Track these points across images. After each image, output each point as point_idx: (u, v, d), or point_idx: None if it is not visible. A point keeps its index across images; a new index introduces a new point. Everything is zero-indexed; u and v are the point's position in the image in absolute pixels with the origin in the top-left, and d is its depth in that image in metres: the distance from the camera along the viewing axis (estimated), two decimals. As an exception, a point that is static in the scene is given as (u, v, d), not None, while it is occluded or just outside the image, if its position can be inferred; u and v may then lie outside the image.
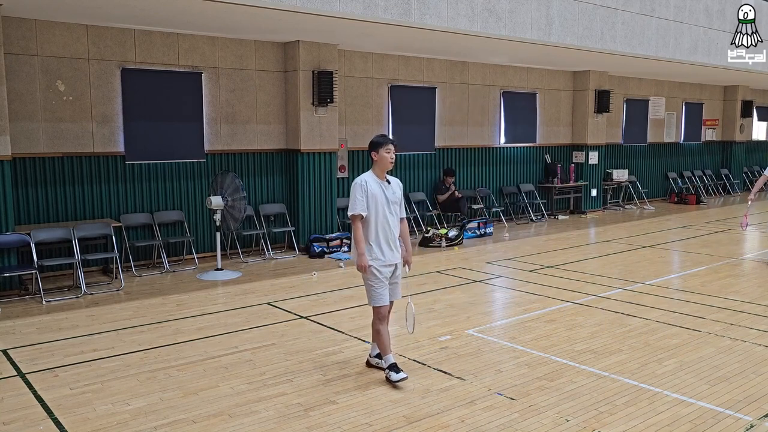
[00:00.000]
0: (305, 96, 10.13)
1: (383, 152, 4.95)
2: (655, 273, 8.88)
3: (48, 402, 4.63)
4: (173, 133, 9.46)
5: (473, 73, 13.16)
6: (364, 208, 4.92)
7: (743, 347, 5.77)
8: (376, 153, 4.97)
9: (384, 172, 5.03)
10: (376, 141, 5.02)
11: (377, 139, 5.03)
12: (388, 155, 4.96)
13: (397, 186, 5.11)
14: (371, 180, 4.98)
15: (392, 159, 4.98)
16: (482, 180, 13.65)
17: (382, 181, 5.01)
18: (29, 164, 8.36)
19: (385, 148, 4.95)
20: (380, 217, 4.95)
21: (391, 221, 5.00)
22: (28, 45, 8.21)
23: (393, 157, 4.99)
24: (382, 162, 4.98)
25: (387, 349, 4.96)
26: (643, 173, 17.61)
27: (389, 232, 4.98)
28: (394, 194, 5.04)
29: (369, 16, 8.22)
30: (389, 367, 4.93)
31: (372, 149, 5.00)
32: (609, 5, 11.33)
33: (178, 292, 7.89)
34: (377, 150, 4.96)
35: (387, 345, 4.96)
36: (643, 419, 4.31)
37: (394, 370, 4.90)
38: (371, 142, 5.05)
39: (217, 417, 4.39)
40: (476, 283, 8.42)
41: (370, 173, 5.04)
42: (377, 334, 4.99)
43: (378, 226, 4.96)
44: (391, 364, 4.93)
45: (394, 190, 5.06)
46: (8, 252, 7.65)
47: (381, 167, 5.00)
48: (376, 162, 5.01)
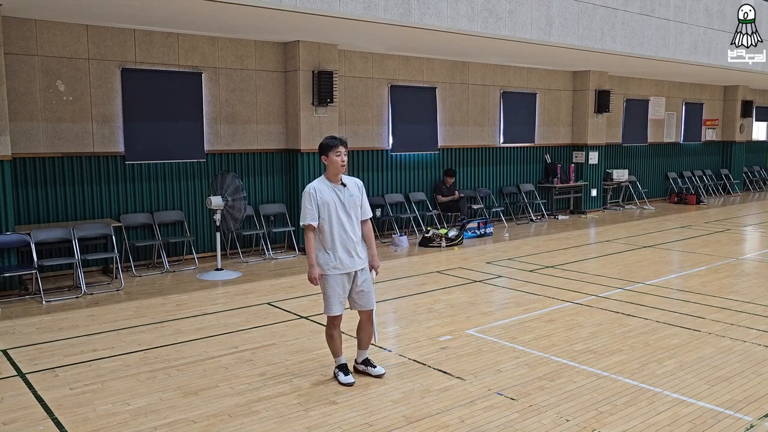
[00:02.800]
0: (305, 96, 10.13)
1: (333, 155, 4.74)
2: (655, 273, 8.88)
3: (48, 402, 4.64)
4: (173, 133, 9.46)
5: (473, 73, 13.16)
6: (315, 218, 4.73)
7: (743, 347, 5.77)
8: (326, 157, 4.76)
9: (337, 176, 4.82)
10: (325, 144, 4.79)
11: (327, 141, 4.80)
12: (338, 158, 4.74)
13: (354, 187, 4.90)
14: (322, 186, 4.79)
15: (343, 162, 4.75)
16: (482, 180, 13.65)
17: (335, 185, 4.81)
18: (29, 164, 8.36)
19: (335, 151, 4.74)
20: (335, 223, 4.76)
21: (348, 226, 4.80)
22: (28, 45, 8.21)
23: (344, 159, 4.76)
24: (333, 166, 4.77)
25: (339, 351, 5.03)
26: (643, 173, 17.61)
27: (347, 239, 4.79)
28: (351, 197, 4.83)
29: (369, 16, 8.22)
30: (339, 367, 5.02)
31: (321, 153, 4.79)
32: (609, 5, 11.33)
33: (178, 292, 7.89)
34: (327, 153, 4.75)
35: (339, 348, 5.02)
36: (643, 419, 4.32)
37: (343, 371, 5.00)
38: (320, 144, 4.83)
39: (217, 417, 4.39)
40: (476, 283, 8.42)
41: (322, 179, 4.85)
42: (330, 338, 5.01)
43: (334, 233, 4.76)
44: (343, 365, 5.03)
45: (351, 193, 4.85)
46: (8, 252, 7.65)
47: (333, 171, 4.80)
48: (327, 166, 4.80)
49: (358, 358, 5.20)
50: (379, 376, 5.05)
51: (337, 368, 5.03)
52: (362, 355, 5.17)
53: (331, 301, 4.89)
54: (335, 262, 4.81)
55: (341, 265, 4.82)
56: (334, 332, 5.00)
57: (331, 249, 4.80)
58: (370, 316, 5.06)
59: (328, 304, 4.92)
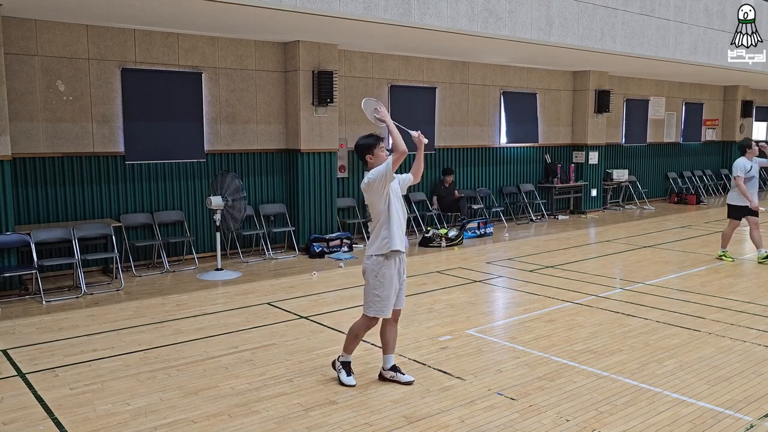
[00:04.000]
0: (305, 96, 10.13)
1: (378, 151, 4.77)
2: (655, 273, 8.88)
3: (48, 402, 4.64)
4: (173, 133, 9.46)
5: (473, 73, 13.16)
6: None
7: (743, 347, 5.77)
8: (371, 155, 4.77)
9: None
10: (368, 143, 4.80)
11: (369, 140, 4.81)
12: (383, 153, 4.78)
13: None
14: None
15: (387, 154, 4.77)
16: (482, 180, 13.65)
17: None
18: (29, 164, 8.36)
19: (379, 147, 4.78)
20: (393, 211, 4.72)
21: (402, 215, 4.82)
22: (28, 45, 8.21)
23: (387, 152, 4.78)
24: (380, 161, 4.77)
25: (353, 350, 5.00)
26: (643, 173, 17.61)
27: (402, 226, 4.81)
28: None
29: (369, 16, 8.22)
30: (345, 364, 4.96)
31: (367, 152, 4.78)
32: (609, 5, 11.33)
33: (178, 292, 7.89)
34: (372, 151, 4.77)
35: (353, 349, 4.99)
36: (643, 419, 4.32)
37: (347, 370, 4.96)
38: (362, 145, 4.81)
39: (217, 417, 4.39)
40: (476, 283, 8.42)
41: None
42: (355, 338, 4.93)
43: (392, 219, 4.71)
44: (348, 363, 4.98)
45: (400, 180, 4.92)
46: (8, 252, 7.65)
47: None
48: (373, 164, 4.78)
49: (385, 364, 4.99)
50: (409, 383, 4.90)
51: (342, 364, 4.96)
52: (390, 361, 4.98)
53: (388, 302, 4.73)
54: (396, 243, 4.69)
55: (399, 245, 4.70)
56: (362, 335, 4.93)
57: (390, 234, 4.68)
58: (398, 315, 4.98)
59: (381, 305, 4.73)
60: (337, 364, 5.02)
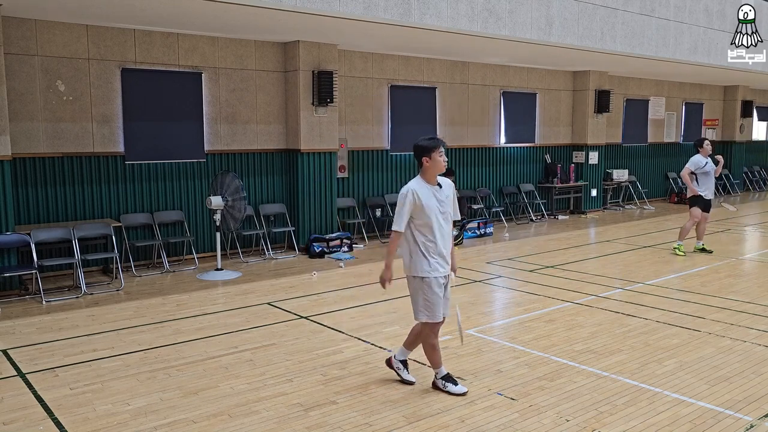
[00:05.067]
0: (305, 96, 10.13)
1: (436, 156, 4.55)
2: (655, 273, 8.88)
3: (48, 402, 4.64)
4: (173, 133, 9.46)
5: (473, 73, 13.16)
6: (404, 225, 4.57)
7: (743, 347, 5.77)
8: (428, 158, 4.56)
9: (435, 177, 4.65)
10: (427, 146, 4.57)
11: (428, 143, 4.58)
12: (441, 158, 4.57)
13: (448, 188, 4.75)
14: (421, 188, 4.58)
15: (446, 161, 4.61)
16: (482, 180, 13.65)
17: (432, 186, 4.63)
18: (29, 164, 8.36)
19: (438, 151, 4.57)
20: (435, 226, 4.58)
21: (446, 229, 4.66)
22: (28, 45, 8.21)
23: (446, 159, 4.62)
24: (437, 166, 4.59)
25: (440, 360, 4.82)
26: (643, 173, 17.61)
27: (444, 243, 4.65)
28: (447, 198, 4.69)
29: (369, 16, 8.22)
30: (444, 377, 4.79)
31: (424, 154, 4.57)
32: (609, 5, 11.33)
33: (178, 292, 7.89)
34: (429, 154, 4.55)
35: (440, 358, 4.81)
36: (643, 419, 4.32)
37: (452, 381, 4.78)
38: (421, 146, 4.60)
39: (217, 417, 4.39)
40: (476, 283, 8.42)
41: (419, 180, 4.63)
42: (432, 348, 4.75)
43: (436, 236, 4.58)
44: (447, 375, 4.82)
45: (447, 194, 4.70)
46: (8, 252, 7.65)
47: (435, 172, 4.62)
48: (427, 167, 4.59)
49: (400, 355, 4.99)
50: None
51: (443, 379, 4.77)
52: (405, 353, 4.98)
53: (437, 306, 4.63)
54: (437, 266, 4.62)
55: (441, 268, 4.65)
56: (435, 341, 4.76)
57: (434, 252, 4.61)
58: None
59: (432, 310, 4.63)
60: (439, 383, 4.81)
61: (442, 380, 4.79)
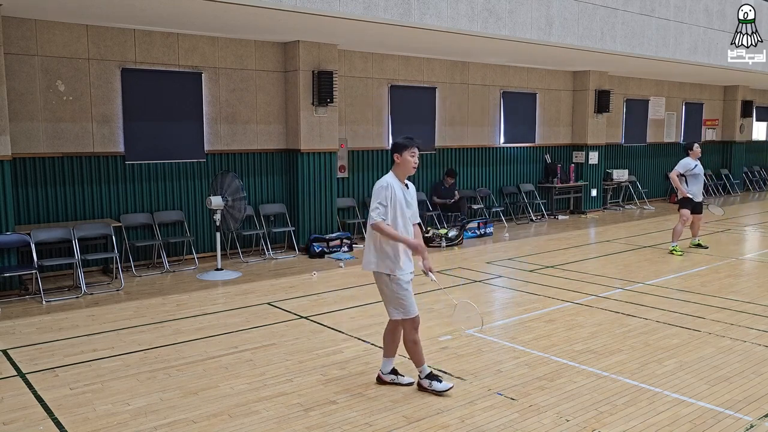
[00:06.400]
0: (305, 96, 10.13)
1: (407, 155, 4.66)
2: (655, 273, 8.88)
3: (48, 402, 4.64)
4: (173, 133, 9.46)
5: (473, 73, 13.16)
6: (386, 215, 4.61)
7: (743, 347, 5.77)
8: (399, 155, 4.68)
9: (405, 177, 4.77)
10: (401, 143, 4.71)
11: (402, 141, 4.72)
12: (412, 159, 4.67)
13: (413, 190, 4.89)
14: (394, 183, 4.68)
15: (416, 163, 4.71)
16: (482, 180, 13.64)
17: (402, 185, 4.74)
18: (29, 164, 8.36)
19: (410, 150, 4.67)
20: (400, 222, 4.67)
21: (409, 227, 4.76)
22: (28, 45, 8.21)
23: (417, 161, 4.72)
24: (406, 166, 4.70)
25: (422, 359, 4.80)
26: (643, 173, 17.61)
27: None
28: (413, 198, 4.81)
29: (369, 16, 8.22)
30: (428, 376, 4.77)
31: (395, 151, 4.71)
32: (609, 5, 11.33)
33: (178, 292, 7.89)
34: (401, 152, 4.68)
35: (422, 354, 4.80)
36: (643, 419, 4.32)
37: (437, 379, 4.77)
38: (395, 143, 4.75)
39: (217, 417, 4.39)
40: (476, 283, 8.42)
41: (392, 175, 4.73)
42: (414, 344, 4.74)
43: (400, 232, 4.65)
44: (430, 374, 4.80)
45: (413, 194, 4.83)
46: (8, 252, 7.65)
47: (404, 171, 4.73)
48: (398, 165, 4.71)
49: (384, 368, 4.94)
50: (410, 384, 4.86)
51: (428, 378, 4.76)
52: (389, 365, 4.94)
53: (409, 301, 4.69)
54: (402, 264, 4.68)
55: (405, 266, 4.70)
56: (417, 336, 4.76)
57: (402, 249, 4.67)
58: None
59: (405, 306, 4.69)
60: (425, 383, 4.78)
61: (427, 379, 4.77)
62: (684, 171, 10.15)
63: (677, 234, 10.22)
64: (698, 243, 10.53)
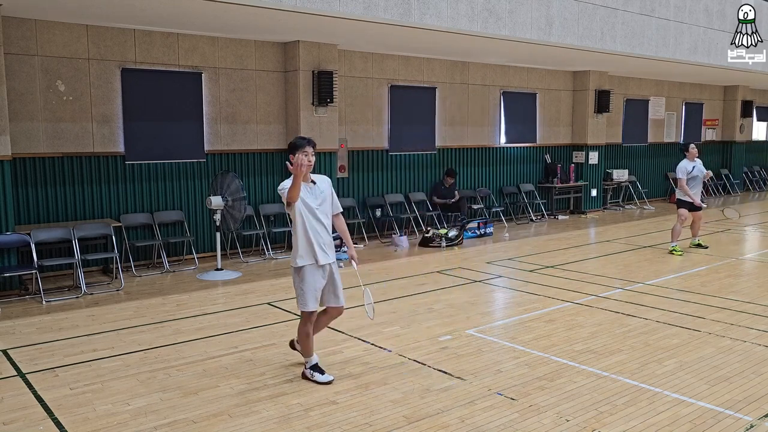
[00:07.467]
0: (305, 96, 10.13)
1: (300, 155, 4.61)
2: (655, 273, 8.88)
3: (48, 402, 4.63)
4: (173, 133, 9.46)
5: (473, 73, 13.16)
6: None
7: (743, 347, 5.77)
8: (293, 156, 4.66)
9: (306, 175, 4.79)
10: (293, 143, 4.77)
11: (295, 141, 4.78)
12: (305, 158, 4.64)
13: (324, 184, 4.95)
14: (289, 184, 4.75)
15: (310, 162, 4.70)
16: (482, 180, 13.65)
17: (305, 184, 4.79)
18: (29, 164, 8.36)
19: (302, 150, 4.68)
20: (308, 222, 4.83)
21: (320, 224, 4.88)
22: (28, 45, 8.21)
23: (311, 159, 4.72)
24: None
25: (311, 351, 5.02)
26: (643, 173, 17.61)
27: (320, 236, 4.87)
28: (322, 193, 4.90)
29: (369, 16, 8.22)
30: (313, 367, 5.00)
31: (289, 152, 4.74)
32: (609, 5, 11.33)
33: (178, 292, 7.89)
34: (294, 153, 4.67)
35: (312, 347, 5.02)
36: (643, 419, 4.32)
37: (318, 371, 4.99)
38: (289, 144, 4.81)
39: (217, 417, 4.39)
40: (476, 283, 8.42)
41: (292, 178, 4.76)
42: (306, 336, 4.97)
43: (309, 231, 4.83)
44: (317, 365, 5.02)
45: (322, 189, 4.91)
46: (8, 252, 7.65)
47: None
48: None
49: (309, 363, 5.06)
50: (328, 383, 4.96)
51: (311, 369, 5.00)
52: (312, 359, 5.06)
53: (308, 296, 4.90)
54: (308, 256, 4.86)
55: (312, 259, 4.87)
56: (310, 329, 4.99)
57: (304, 245, 4.86)
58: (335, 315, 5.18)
59: (304, 299, 4.91)
60: (307, 373, 5.01)
61: (310, 369, 5.00)
62: (686, 176, 10.26)
63: (676, 234, 10.24)
64: (698, 243, 10.55)
